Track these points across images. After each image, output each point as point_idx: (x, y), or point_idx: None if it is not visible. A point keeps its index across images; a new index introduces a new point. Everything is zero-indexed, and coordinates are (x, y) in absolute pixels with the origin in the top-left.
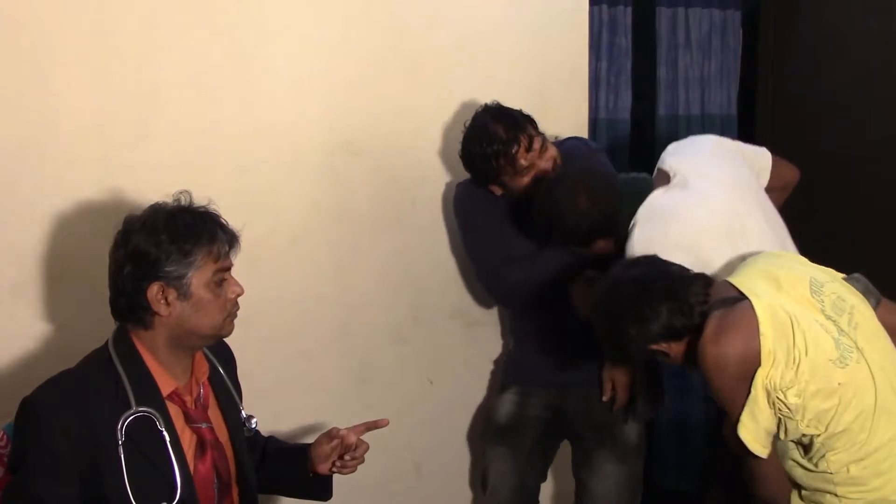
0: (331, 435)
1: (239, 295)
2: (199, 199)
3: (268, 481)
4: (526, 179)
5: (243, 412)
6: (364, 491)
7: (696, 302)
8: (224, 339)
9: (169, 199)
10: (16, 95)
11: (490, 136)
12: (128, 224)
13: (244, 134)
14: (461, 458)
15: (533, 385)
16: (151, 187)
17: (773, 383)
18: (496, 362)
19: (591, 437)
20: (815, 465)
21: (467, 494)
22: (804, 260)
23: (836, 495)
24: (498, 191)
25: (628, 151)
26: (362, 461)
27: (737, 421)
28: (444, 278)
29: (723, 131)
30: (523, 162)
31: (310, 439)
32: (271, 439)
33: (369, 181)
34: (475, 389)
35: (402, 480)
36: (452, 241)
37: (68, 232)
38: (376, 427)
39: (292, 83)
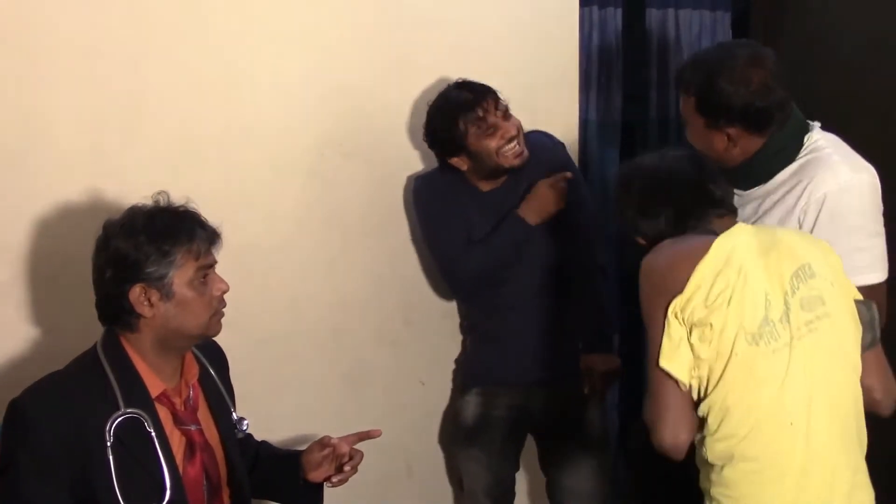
0: (323, 443)
1: (224, 292)
2: (179, 199)
3: (259, 486)
4: (493, 143)
5: (235, 414)
6: (356, 493)
7: (702, 213)
8: (216, 342)
9: (148, 201)
10: (3, 98)
11: (456, 99)
12: (107, 228)
13: (234, 136)
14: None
15: (496, 386)
16: (140, 190)
17: (681, 313)
18: (456, 361)
19: (556, 434)
20: (702, 441)
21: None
22: (833, 258)
23: (709, 494)
24: (463, 164)
25: (619, 153)
26: (356, 471)
27: (658, 354)
28: (435, 280)
29: None
30: (491, 118)
31: (301, 441)
32: (264, 444)
33: (360, 182)
34: None
35: (394, 482)
36: None
37: (57, 234)
38: (369, 437)
39: (283, 85)
